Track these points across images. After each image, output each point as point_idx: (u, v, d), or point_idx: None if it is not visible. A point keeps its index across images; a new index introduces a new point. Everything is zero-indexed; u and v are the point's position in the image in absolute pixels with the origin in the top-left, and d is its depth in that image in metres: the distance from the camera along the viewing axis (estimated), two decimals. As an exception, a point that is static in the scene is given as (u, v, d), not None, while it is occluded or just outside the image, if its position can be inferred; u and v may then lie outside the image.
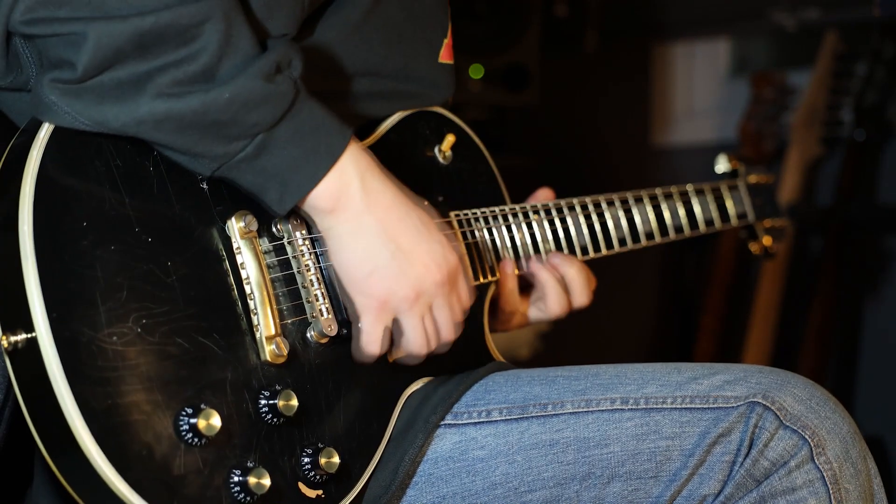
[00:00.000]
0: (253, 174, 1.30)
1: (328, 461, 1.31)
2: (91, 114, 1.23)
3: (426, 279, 1.38)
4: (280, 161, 1.30)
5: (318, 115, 1.32)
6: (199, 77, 1.24)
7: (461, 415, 1.44)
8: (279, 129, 1.29)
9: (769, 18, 3.66)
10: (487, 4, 3.45)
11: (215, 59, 1.24)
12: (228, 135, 1.27)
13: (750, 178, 1.96)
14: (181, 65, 1.23)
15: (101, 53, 1.21)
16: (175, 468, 1.21)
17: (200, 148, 1.27)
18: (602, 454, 1.40)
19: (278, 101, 1.28)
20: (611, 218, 1.71)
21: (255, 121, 1.27)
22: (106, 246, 1.23)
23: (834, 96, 3.47)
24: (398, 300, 1.37)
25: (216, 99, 1.24)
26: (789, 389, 1.39)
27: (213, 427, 1.23)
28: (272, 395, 1.29)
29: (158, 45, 1.22)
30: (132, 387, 1.21)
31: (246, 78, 1.25)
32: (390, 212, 1.37)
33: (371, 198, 1.35)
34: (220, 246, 1.32)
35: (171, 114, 1.24)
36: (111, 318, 1.21)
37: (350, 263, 1.36)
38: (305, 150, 1.30)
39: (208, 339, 1.27)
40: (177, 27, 1.22)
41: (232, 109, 1.25)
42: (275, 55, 1.28)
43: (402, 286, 1.37)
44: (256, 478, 1.25)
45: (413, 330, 1.39)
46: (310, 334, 1.36)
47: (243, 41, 1.26)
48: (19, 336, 1.19)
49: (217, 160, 1.28)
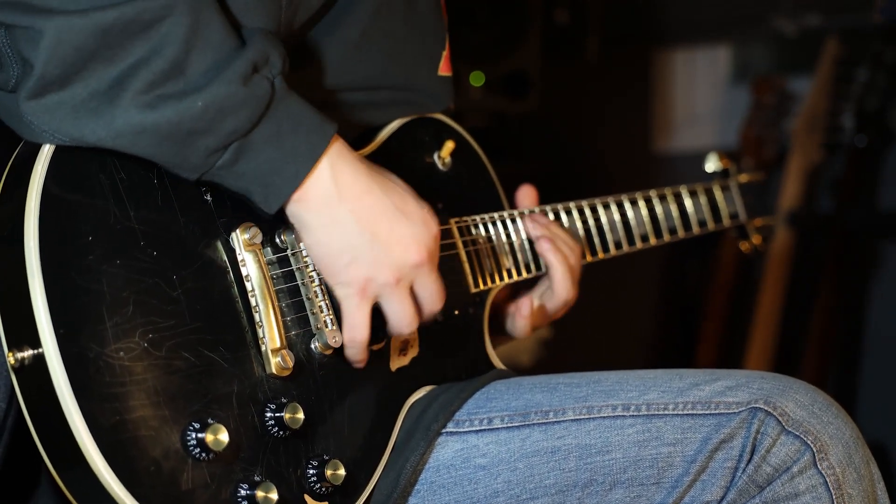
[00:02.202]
0: (234, 179, 1.29)
1: (334, 473, 1.31)
2: (68, 130, 1.21)
3: (406, 261, 1.36)
4: (259, 164, 1.28)
5: (298, 113, 1.30)
6: (168, 74, 1.21)
7: (463, 423, 1.44)
8: (256, 133, 1.27)
9: (770, 24, 3.67)
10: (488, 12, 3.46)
11: (181, 52, 1.21)
12: (206, 144, 1.25)
13: (741, 178, 1.96)
14: (149, 62, 1.20)
15: (60, 51, 1.18)
16: (183, 483, 1.21)
17: (179, 159, 1.26)
18: (604, 461, 1.39)
19: (254, 105, 1.25)
20: (606, 221, 1.72)
21: (231, 128, 1.25)
22: (112, 260, 1.22)
23: (835, 102, 3.47)
24: (378, 286, 1.36)
25: (190, 107, 1.22)
26: (791, 395, 1.38)
27: (221, 442, 1.22)
28: (278, 407, 1.29)
29: (123, 43, 1.20)
30: (140, 402, 1.20)
31: (220, 83, 1.23)
32: (363, 200, 1.35)
33: (342, 187, 1.33)
34: (225, 258, 1.31)
35: (146, 125, 1.21)
36: (118, 333, 1.20)
37: (328, 256, 1.35)
38: (284, 152, 1.29)
39: (214, 353, 1.27)
40: (140, 22, 1.19)
41: (207, 117, 1.23)
42: (251, 53, 1.25)
43: (381, 272, 1.35)
44: (264, 492, 1.25)
45: (397, 312, 1.38)
46: (314, 346, 1.35)
47: (214, 34, 1.24)
48: (26, 352, 1.18)
49: (197, 169, 1.27)
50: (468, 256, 1.55)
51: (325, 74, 1.45)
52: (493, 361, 1.57)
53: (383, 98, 1.52)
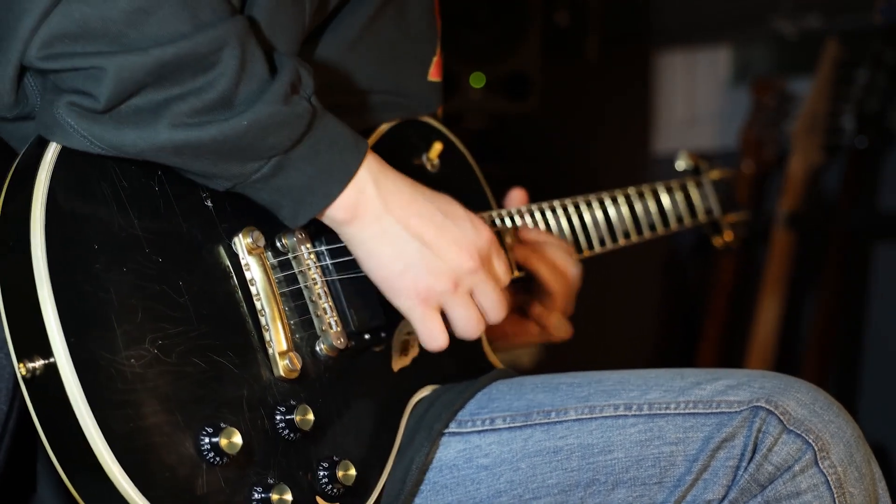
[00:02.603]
0: (268, 192, 1.30)
1: (345, 474, 1.32)
2: (109, 138, 1.22)
3: (461, 267, 1.37)
4: (295, 180, 1.29)
5: (333, 132, 1.31)
6: (217, 104, 1.23)
7: (465, 423, 1.44)
8: (295, 151, 1.28)
9: (770, 26, 3.67)
10: (488, 13, 3.46)
11: (233, 85, 1.23)
12: (245, 158, 1.26)
13: (712, 174, 1.98)
14: (200, 93, 1.22)
15: (122, 86, 1.20)
16: (198, 488, 1.21)
17: (217, 170, 1.27)
18: (606, 460, 1.40)
19: (296, 124, 1.27)
20: (590, 218, 1.73)
21: (272, 144, 1.26)
22: (118, 268, 1.22)
23: (835, 103, 3.47)
24: (438, 294, 1.36)
25: (235, 127, 1.23)
26: (792, 394, 1.39)
27: (235, 445, 1.22)
28: (288, 410, 1.29)
29: (177, 75, 1.21)
30: (152, 408, 1.20)
31: (263, 104, 1.24)
32: (409, 208, 1.36)
33: (387, 199, 1.34)
34: (229, 263, 1.32)
35: (189, 142, 1.23)
36: (128, 340, 1.20)
37: (381, 268, 1.35)
38: (321, 169, 1.30)
39: (223, 358, 1.27)
40: (195, 55, 1.21)
41: (250, 135, 1.24)
42: (287, 76, 1.27)
43: (437, 279, 1.36)
44: (278, 494, 1.25)
45: (461, 318, 1.38)
46: (319, 348, 1.36)
47: (258, 65, 1.25)
48: (37, 362, 1.18)
49: (232, 180, 1.28)
50: None
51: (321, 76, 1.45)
52: (491, 361, 1.58)
53: (374, 102, 1.53)
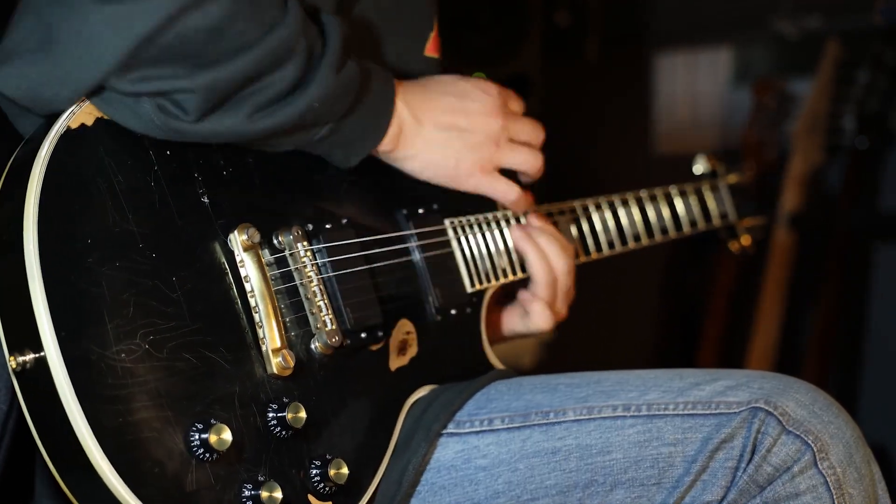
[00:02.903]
0: (325, 146, 1.41)
1: (337, 472, 1.32)
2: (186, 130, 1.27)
3: (492, 129, 1.55)
4: (349, 134, 1.40)
5: (367, 79, 1.40)
6: (289, 92, 1.30)
7: (463, 423, 1.44)
8: (352, 113, 1.39)
9: (771, 27, 3.67)
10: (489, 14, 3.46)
11: (302, 72, 1.30)
12: (313, 125, 1.36)
13: (730, 178, 1.97)
14: (275, 85, 1.28)
15: (211, 100, 1.25)
16: (187, 484, 1.21)
17: (282, 143, 1.35)
18: (605, 461, 1.39)
19: (351, 88, 1.37)
20: (599, 221, 1.73)
21: (335, 110, 1.36)
22: (111, 263, 1.22)
23: (836, 104, 3.47)
24: (488, 159, 1.55)
25: (305, 107, 1.31)
26: (792, 394, 1.38)
27: (225, 442, 1.22)
28: (280, 407, 1.29)
29: (257, 76, 1.27)
30: (142, 404, 1.21)
31: (323, 78, 1.32)
32: (435, 111, 1.51)
33: (418, 114, 1.49)
34: (224, 259, 1.32)
35: (267, 128, 1.30)
36: (119, 335, 1.21)
37: (440, 170, 1.53)
38: (369, 118, 1.42)
39: (215, 354, 1.27)
40: (273, 57, 1.27)
41: (321, 110, 1.34)
42: (336, 41, 1.33)
43: (482, 149, 1.54)
44: (268, 491, 1.25)
45: (517, 160, 1.59)
46: (314, 346, 1.36)
47: (317, 46, 1.32)
48: (28, 356, 1.19)
49: (297, 145, 1.38)
50: (463, 256, 1.55)
51: None
52: (491, 361, 1.57)
53: None
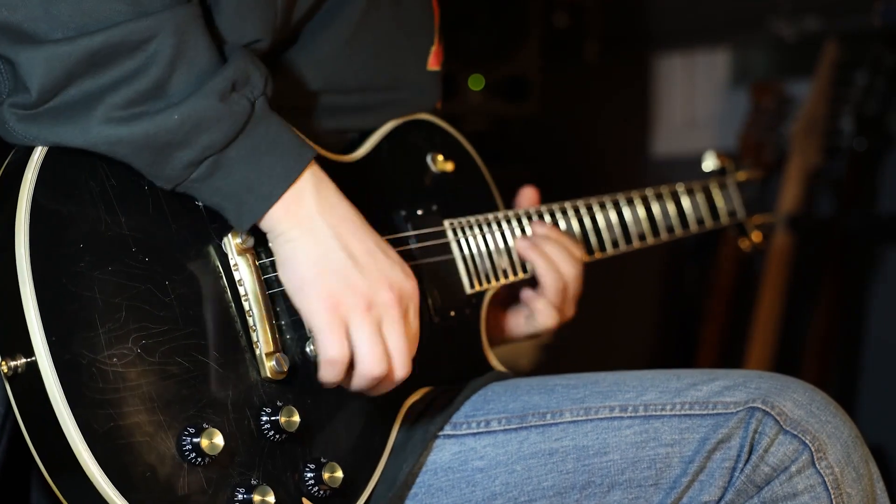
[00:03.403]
0: (209, 193, 1.29)
1: (331, 476, 1.31)
2: (46, 136, 1.23)
3: (378, 292, 1.31)
4: (234, 182, 1.27)
5: (274, 135, 1.29)
6: (150, 94, 1.23)
7: (460, 425, 1.44)
8: (232, 150, 1.26)
9: (769, 28, 3.67)
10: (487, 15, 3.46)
11: (165, 73, 1.23)
12: (182, 157, 1.25)
13: (739, 175, 1.96)
14: (131, 80, 1.22)
15: (52, 76, 1.20)
16: (179, 488, 1.21)
17: (155, 169, 1.26)
18: (602, 462, 1.39)
19: (231, 122, 1.25)
20: (603, 220, 1.72)
21: (207, 142, 1.25)
22: (103, 267, 1.22)
23: (834, 106, 3.46)
24: (348, 308, 1.30)
25: (166, 121, 1.23)
26: (789, 394, 1.38)
27: (217, 446, 1.22)
28: (274, 411, 1.29)
29: (108, 63, 1.21)
30: (134, 408, 1.21)
31: (198, 98, 1.24)
32: (345, 223, 1.32)
33: (324, 205, 1.31)
34: (217, 263, 1.31)
35: (122, 138, 1.23)
36: (111, 339, 1.21)
37: (297, 269, 1.30)
38: (260, 172, 1.28)
39: (208, 358, 1.27)
40: (126, 43, 1.21)
41: (183, 130, 1.23)
42: (230, 72, 1.26)
43: (352, 294, 1.30)
44: (261, 495, 1.25)
45: (367, 343, 1.30)
46: (309, 349, 1.35)
47: (199, 55, 1.25)
48: (19, 360, 1.19)
49: (173, 180, 1.27)
50: (463, 257, 1.55)
51: (317, 74, 1.45)
52: (491, 363, 1.57)
53: (375, 100, 1.52)
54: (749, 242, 2.01)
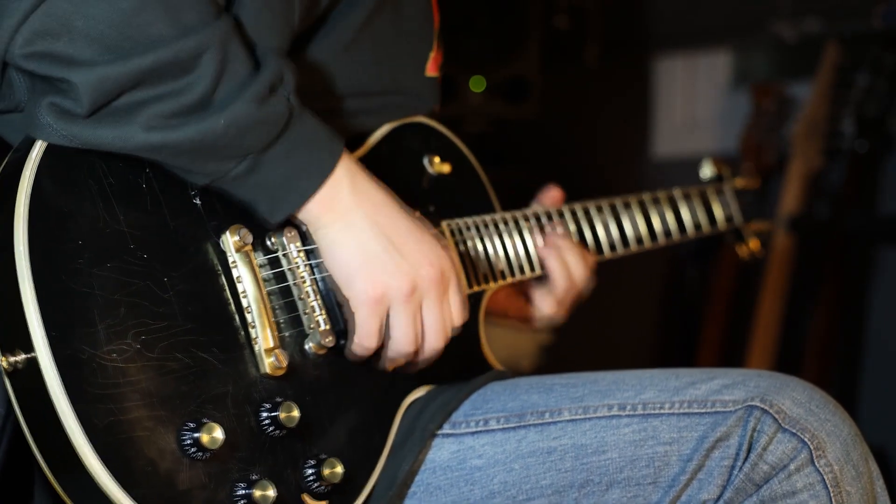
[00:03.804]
0: (244, 189, 1.31)
1: (332, 472, 1.31)
2: (85, 137, 1.23)
3: (420, 272, 1.37)
4: (271, 178, 1.31)
5: (310, 132, 1.32)
6: (194, 107, 1.24)
7: (459, 424, 1.44)
8: (272, 150, 1.29)
9: (770, 30, 3.67)
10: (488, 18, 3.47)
11: (211, 88, 1.24)
12: (222, 156, 1.27)
13: (736, 182, 1.96)
14: (178, 95, 1.23)
15: (102, 95, 1.21)
16: (180, 483, 1.22)
17: (194, 167, 1.28)
18: (600, 461, 1.39)
19: (273, 124, 1.28)
20: (601, 223, 1.72)
21: (249, 143, 1.27)
22: (102, 264, 1.23)
23: (835, 107, 3.47)
24: (393, 292, 1.36)
25: (212, 127, 1.25)
26: (788, 392, 1.38)
27: (217, 440, 1.22)
28: (273, 407, 1.29)
29: (158, 79, 1.22)
30: (134, 403, 1.21)
31: (241, 103, 1.25)
32: (380, 210, 1.37)
33: (360, 196, 1.35)
34: (216, 260, 1.32)
35: (167, 142, 1.24)
36: (110, 335, 1.21)
37: (342, 259, 1.36)
38: (296, 168, 1.31)
39: (207, 354, 1.27)
40: (176, 62, 1.22)
41: (228, 135, 1.25)
42: (268, 75, 1.28)
43: (396, 278, 1.35)
44: (261, 490, 1.25)
45: (403, 326, 1.37)
46: (308, 346, 1.36)
47: (239, 66, 1.26)
48: (19, 356, 1.19)
49: (210, 176, 1.29)
50: (461, 258, 1.55)
51: (318, 78, 1.46)
52: (490, 362, 1.57)
53: (374, 105, 1.53)
54: (746, 249, 2.01)
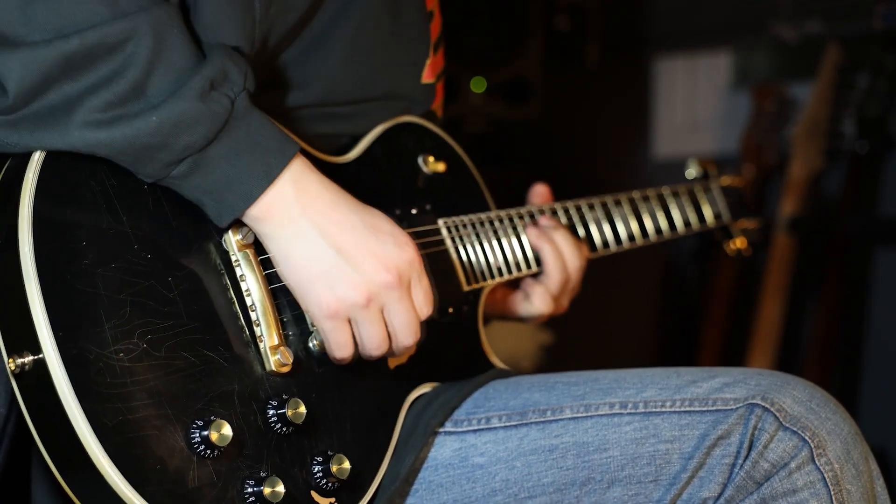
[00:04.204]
0: (189, 190, 1.29)
1: (339, 468, 1.32)
2: (27, 143, 1.23)
3: (375, 281, 1.33)
4: (214, 180, 1.27)
5: (256, 133, 1.29)
6: (128, 96, 1.22)
7: (461, 422, 1.44)
8: (212, 149, 1.26)
9: (771, 31, 3.67)
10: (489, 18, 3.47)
11: (143, 74, 1.22)
12: (162, 157, 1.25)
13: (722, 181, 1.98)
14: (109, 83, 1.21)
15: (29, 79, 1.20)
16: (189, 481, 1.22)
17: (136, 167, 1.26)
18: (602, 459, 1.39)
19: (211, 122, 1.25)
20: (593, 221, 1.73)
21: (186, 143, 1.25)
22: (107, 264, 1.23)
23: (836, 108, 3.47)
24: (348, 306, 1.33)
25: (145, 124, 1.22)
26: (788, 391, 1.38)
27: (226, 437, 1.23)
28: (280, 404, 1.30)
29: (86, 66, 1.21)
30: (142, 402, 1.21)
31: (176, 99, 1.23)
32: (328, 215, 1.32)
33: (305, 202, 1.31)
34: (219, 259, 1.32)
35: (101, 141, 1.22)
36: (117, 334, 1.21)
37: (294, 272, 1.33)
38: (240, 170, 1.27)
39: (213, 352, 1.28)
40: (103, 46, 1.21)
41: (162, 132, 1.23)
42: (209, 70, 1.25)
43: (349, 292, 1.32)
44: (271, 487, 1.25)
45: (368, 335, 1.35)
46: (312, 343, 1.36)
47: (176, 56, 1.24)
48: (26, 358, 1.19)
49: (153, 176, 1.27)
50: (458, 255, 1.56)
51: (315, 90, 1.46)
52: (490, 359, 1.57)
53: (369, 108, 1.54)
54: (734, 247, 2.02)
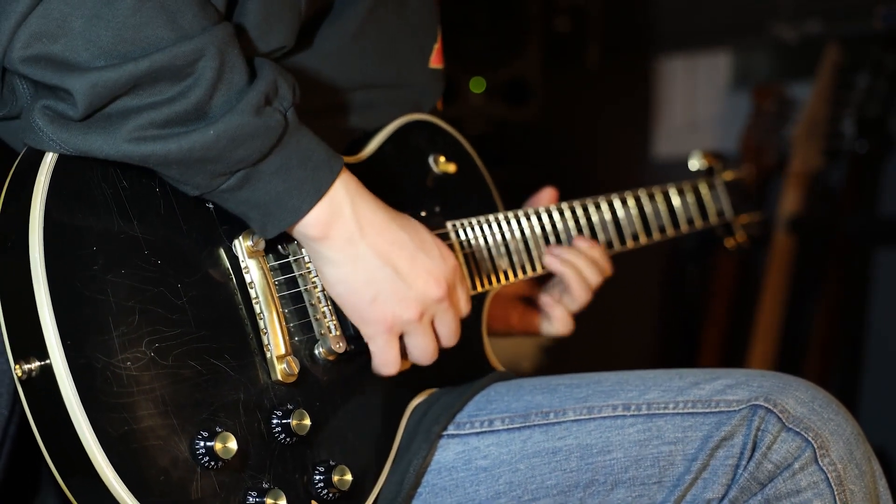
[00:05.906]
0: (235, 203, 1.29)
1: (341, 479, 1.32)
2: (76, 143, 1.21)
3: (428, 297, 1.38)
4: (263, 194, 1.28)
5: (307, 148, 1.30)
6: (190, 115, 1.22)
7: (464, 425, 1.44)
8: (264, 164, 1.26)
9: (770, 31, 3.67)
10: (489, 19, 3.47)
11: (207, 96, 1.22)
12: (213, 169, 1.25)
13: (726, 175, 1.97)
14: (172, 103, 1.21)
15: (96, 99, 1.19)
16: (192, 492, 1.21)
17: (184, 179, 1.26)
18: (605, 461, 1.39)
19: (266, 136, 1.25)
20: (598, 220, 1.73)
21: (241, 157, 1.24)
22: (116, 270, 1.22)
23: (835, 108, 3.47)
24: (403, 322, 1.38)
25: (201, 138, 1.22)
26: (791, 392, 1.38)
27: (230, 450, 1.22)
28: (285, 414, 1.29)
29: (153, 85, 1.20)
30: (148, 412, 1.20)
31: (234, 114, 1.23)
32: (383, 235, 1.35)
33: (363, 223, 1.34)
34: (228, 265, 1.32)
35: (155, 153, 1.22)
36: (124, 342, 1.20)
37: (351, 293, 1.36)
38: (290, 185, 1.28)
39: (220, 361, 1.27)
40: (171, 68, 1.20)
41: (218, 147, 1.23)
42: (263, 85, 1.25)
43: (405, 309, 1.37)
44: (273, 499, 1.25)
45: (420, 346, 1.40)
46: (318, 352, 1.36)
47: (236, 75, 1.24)
48: (33, 364, 1.18)
49: (200, 188, 1.27)
50: (465, 258, 1.55)
51: (322, 71, 1.45)
52: (492, 363, 1.57)
53: (378, 98, 1.53)
54: (734, 242, 2.02)
